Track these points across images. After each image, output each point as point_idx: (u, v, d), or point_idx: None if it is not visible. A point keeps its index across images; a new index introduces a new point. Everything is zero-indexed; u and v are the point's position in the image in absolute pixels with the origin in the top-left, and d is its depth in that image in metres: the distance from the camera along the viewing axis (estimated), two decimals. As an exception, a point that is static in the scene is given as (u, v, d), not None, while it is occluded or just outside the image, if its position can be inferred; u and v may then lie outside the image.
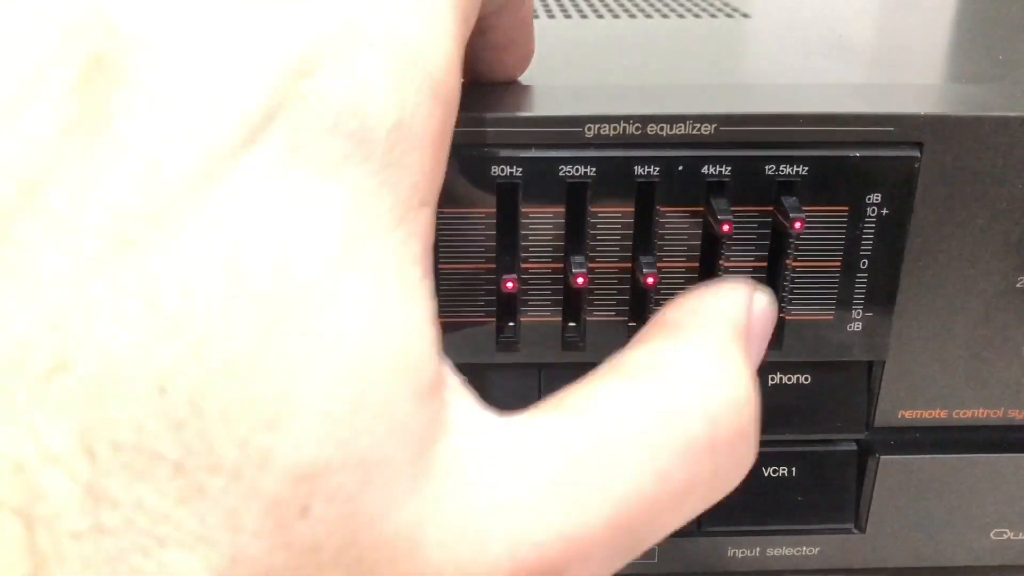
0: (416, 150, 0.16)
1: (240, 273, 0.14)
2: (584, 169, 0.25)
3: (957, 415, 0.29)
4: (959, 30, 0.43)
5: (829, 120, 0.25)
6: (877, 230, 0.26)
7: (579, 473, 0.17)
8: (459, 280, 0.26)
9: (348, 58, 0.16)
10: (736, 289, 0.23)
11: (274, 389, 0.14)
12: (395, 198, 0.16)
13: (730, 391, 0.20)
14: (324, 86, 0.16)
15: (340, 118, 0.16)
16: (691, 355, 0.20)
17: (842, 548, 0.31)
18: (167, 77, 0.15)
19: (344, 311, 0.15)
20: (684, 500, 0.19)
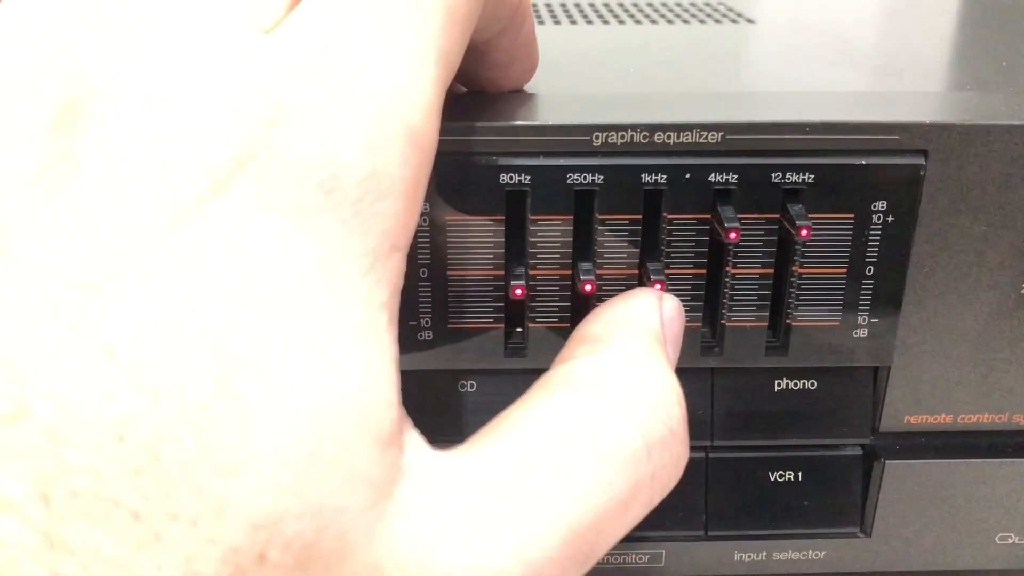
0: (389, 197, 0.16)
1: (198, 322, 0.14)
2: (592, 177, 0.26)
3: (962, 420, 0.29)
4: (962, 36, 0.43)
5: (835, 128, 0.26)
6: (883, 237, 0.27)
7: (527, 496, 0.17)
8: (468, 287, 0.27)
9: (321, 107, 0.16)
10: (645, 297, 0.24)
11: (231, 437, 0.14)
12: (365, 245, 0.16)
13: (657, 394, 0.21)
14: (295, 136, 0.16)
15: (311, 168, 0.16)
16: (615, 364, 0.21)
17: (847, 552, 0.31)
18: (138, 125, 0.16)
19: (303, 360, 0.15)
20: (629, 506, 0.19)
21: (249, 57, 0.16)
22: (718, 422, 0.29)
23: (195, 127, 0.16)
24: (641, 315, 0.23)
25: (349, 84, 0.16)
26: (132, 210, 0.15)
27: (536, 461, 0.18)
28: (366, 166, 0.16)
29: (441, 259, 0.26)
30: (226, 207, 0.15)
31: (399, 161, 0.17)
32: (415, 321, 0.27)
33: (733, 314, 0.27)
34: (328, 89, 0.16)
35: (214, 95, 0.16)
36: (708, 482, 0.30)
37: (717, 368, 0.29)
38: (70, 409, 0.13)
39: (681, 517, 0.30)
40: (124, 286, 0.14)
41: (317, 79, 0.16)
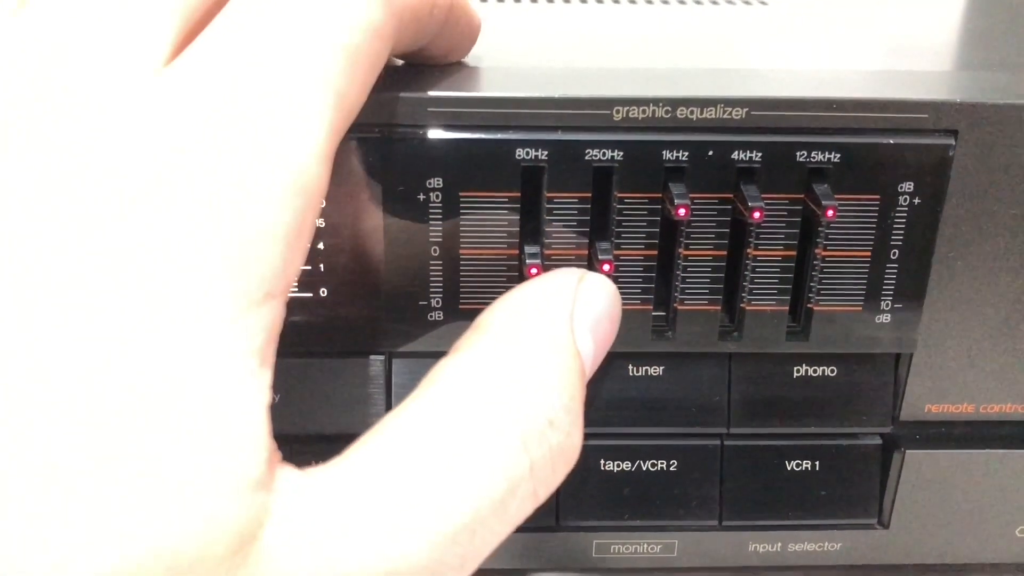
0: (266, 244, 0.16)
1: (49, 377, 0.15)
2: (611, 153, 0.25)
3: (984, 410, 0.29)
4: (981, 16, 0.42)
5: (863, 106, 0.25)
6: (909, 220, 0.26)
7: (390, 506, 0.17)
8: (482, 265, 0.26)
9: (198, 158, 0.16)
10: (557, 278, 0.23)
11: (90, 488, 0.14)
12: (236, 290, 0.16)
13: (536, 383, 0.20)
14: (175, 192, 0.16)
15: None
16: (490, 356, 0.20)
17: (865, 543, 0.30)
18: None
19: (161, 406, 0.15)
20: (506, 504, 0.18)
21: (134, 109, 0.16)
22: (735, 409, 0.28)
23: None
24: (539, 297, 0.22)
25: (232, 130, 0.16)
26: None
27: (399, 468, 0.17)
28: (233, 215, 0.16)
29: (453, 237, 0.25)
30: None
31: (280, 208, 0.16)
32: (425, 301, 0.26)
33: (753, 298, 0.26)
34: (206, 136, 0.16)
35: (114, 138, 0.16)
36: (723, 471, 0.29)
37: (735, 354, 0.28)
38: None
39: (695, 506, 0.29)
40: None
41: (198, 126, 0.16)
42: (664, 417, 0.28)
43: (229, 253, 0.16)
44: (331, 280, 0.26)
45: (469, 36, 0.26)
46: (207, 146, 0.16)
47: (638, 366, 0.28)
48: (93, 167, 0.16)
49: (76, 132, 0.16)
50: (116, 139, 0.16)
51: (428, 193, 0.25)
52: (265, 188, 0.16)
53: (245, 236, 0.16)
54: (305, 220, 0.17)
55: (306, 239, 0.17)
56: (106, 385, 0.15)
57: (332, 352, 0.27)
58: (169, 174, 0.16)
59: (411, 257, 0.26)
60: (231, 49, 0.17)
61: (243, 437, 0.16)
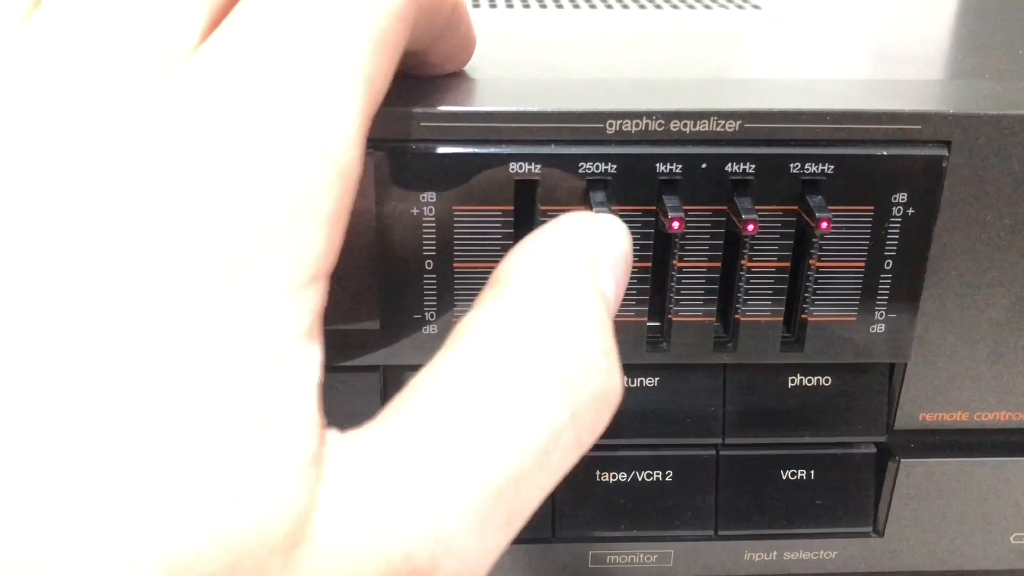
0: (312, 228, 0.16)
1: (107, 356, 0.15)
2: (605, 166, 0.25)
3: (979, 418, 0.29)
4: (973, 24, 0.42)
5: (856, 117, 0.25)
6: (902, 230, 0.26)
7: (429, 468, 0.17)
8: (476, 279, 0.26)
9: (240, 142, 0.16)
10: (569, 224, 0.22)
11: (150, 474, 0.14)
12: (284, 272, 0.16)
13: (572, 327, 0.19)
14: (208, 181, 0.16)
15: (232, 206, 0.16)
16: (520, 306, 0.19)
17: (860, 552, 0.30)
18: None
19: (221, 392, 0.15)
20: (548, 455, 0.18)
21: (166, 97, 0.17)
22: (730, 419, 0.29)
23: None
24: (557, 243, 0.21)
25: (273, 118, 0.16)
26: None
27: (438, 427, 0.17)
28: (281, 197, 0.16)
29: (447, 251, 0.25)
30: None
31: (323, 193, 0.17)
32: (419, 315, 0.26)
33: (748, 308, 0.26)
34: (248, 125, 0.16)
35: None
36: (719, 480, 0.29)
37: (730, 364, 0.28)
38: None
39: (691, 516, 0.29)
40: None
41: (237, 115, 0.16)
42: (659, 428, 0.29)
43: (278, 237, 0.16)
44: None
45: (467, 44, 0.26)
46: (245, 131, 0.16)
47: (633, 377, 0.28)
48: (130, 157, 0.16)
49: (106, 125, 0.16)
50: (152, 127, 0.16)
51: (422, 207, 0.25)
52: (308, 172, 0.16)
53: (292, 220, 0.16)
54: (344, 202, 0.17)
55: (345, 220, 0.17)
56: (165, 368, 0.15)
57: (326, 366, 0.27)
58: (207, 160, 0.16)
59: (405, 271, 0.26)
60: (261, 36, 0.17)
61: (299, 415, 0.16)
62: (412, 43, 0.23)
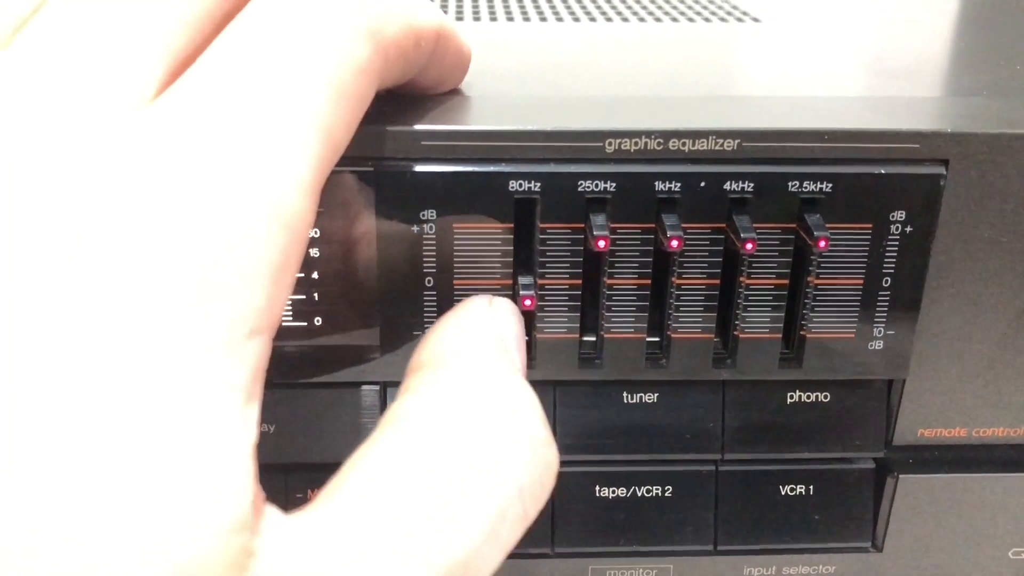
0: (251, 280, 0.16)
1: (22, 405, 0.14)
2: (604, 184, 0.25)
3: (977, 434, 0.29)
4: (971, 39, 0.42)
5: (854, 136, 0.25)
6: (900, 248, 0.26)
7: (381, 550, 0.17)
8: (473, 294, 0.26)
9: (173, 192, 0.16)
10: (473, 307, 0.23)
11: (71, 534, 0.14)
12: (219, 329, 0.16)
13: (506, 403, 0.20)
14: (138, 221, 0.16)
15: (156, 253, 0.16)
16: (452, 388, 0.20)
17: (859, 567, 0.30)
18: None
19: (150, 451, 0.15)
20: (498, 530, 0.18)
21: (115, 144, 0.16)
22: (729, 435, 0.29)
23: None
24: (474, 326, 0.22)
25: (217, 167, 0.16)
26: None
27: (384, 510, 0.17)
28: (218, 250, 0.16)
29: (447, 268, 0.25)
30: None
31: (266, 245, 0.16)
32: (420, 332, 0.26)
33: (747, 325, 0.27)
34: (191, 175, 0.16)
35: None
36: (718, 496, 0.29)
37: (729, 380, 0.28)
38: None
39: (690, 531, 0.29)
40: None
41: (182, 165, 0.16)
42: (659, 443, 0.29)
43: (211, 291, 0.16)
44: (325, 310, 0.26)
45: (459, 67, 0.26)
46: (189, 180, 0.16)
47: (633, 393, 0.28)
48: (69, 201, 0.16)
49: (55, 165, 0.16)
50: (94, 173, 0.16)
51: (422, 225, 0.25)
52: (249, 223, 0.16)
53: (228, 273, 0.16)
54: (290, 255, 0.17)
55: (292, 273, 0.17)
56: (84, 428, 0.14)
57: (326, 382, 0.27)
58: (148, 209, 0.16)
59: (405, 288, 0.26)
60: (216, 86, 0.17)
61: (227, 478, 0.15)
62: (392, 81, 0.23)
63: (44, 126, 0.17)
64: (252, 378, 0.16)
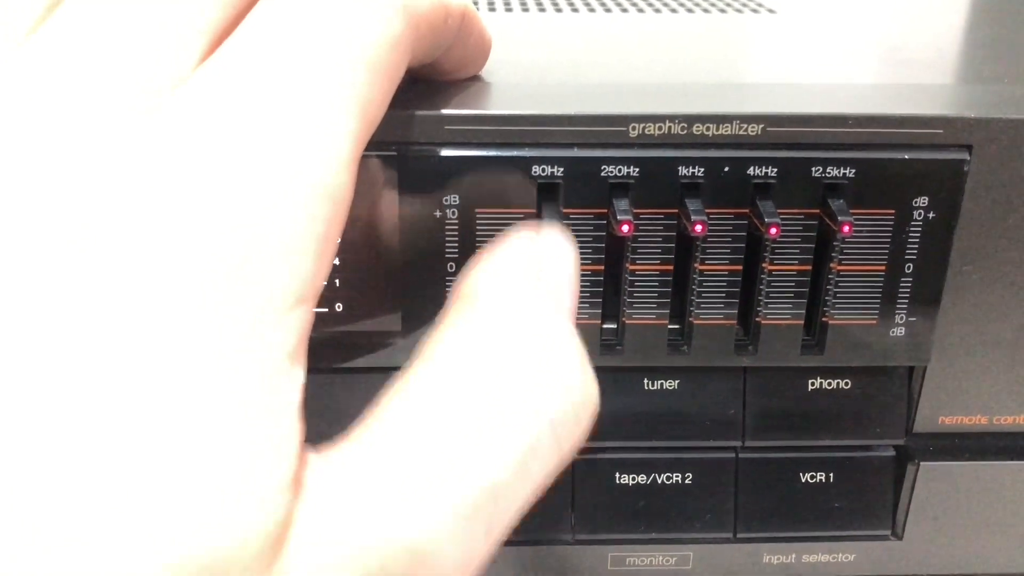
0: (298, 252, 0.16)
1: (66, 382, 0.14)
2: (627, 169, 0.25)
3: (998, 422, 0.29)
4: (989, 27, 0.42)
5: (878, 121, 0.25)
6: (923, 234, 0.26)
7: (406, 483, 0.17)
8: (498, 282, 0.26)
9: (218, 173, 0.16)
10: (517, 240, 0.22)
11: (124, 492, 0.14)
12: (265, 302, 0.16)
13: (541, 341, 0.19)
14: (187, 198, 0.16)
15: (215, 236, 0.16)
16: (485, 323, 0.19)
17: (878, 555, 0.30)
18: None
19: (200, 411, 0.15)
20: (527, 466, 0.18)
21: (159, 123, 0.17)
22: (750, 422, 0.29)
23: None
24: (510, 262, 0.21)
25: (262, 143, 0.16)
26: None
27: (415, 443, 0.17)
28: (266, 221, 0.16)
29: (470, 253, 0.25)
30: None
31: (311, 217, 0.17)
32: (442, 316, 0.26)
33: (769, 311, 0.27)
34: (238, 150, 0.16)
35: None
36: (738, 483, 0.29)
37: (750, 367, 0.28)
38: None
39: (710, 518, 0.29)
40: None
41: (228, 140, 0.16)
42: (679, 430, 0.29)
43: (265, 259, 0.16)
44: (348, 296, 0.26)
45: (482, 51, 0.27)
46: (237, 155, 0.16)
47: (654, 380, 0.28)
48: (115, 177, 0.16)
49: (103, 146, 0.16)
50: (146, 149, 0.16)
51: (445, 210, 0.25)
52: (296, 197, 0.16)
53: (279, 243, 0.16)
54: (332, 226, 0.17)
55: (334, 244, 0.18)
56: (140, 387, 0.15)
57: (349, 368, 0.27)
58: (194, 182, 0.16)
59: (428, 273, 0.26)
60: (257, 59, 0.17)
61: (279, 438, 0.16)
62: (421, 58, 0.23)
63: (76, 114, 0.17)
64: (298, 342, 0.17)
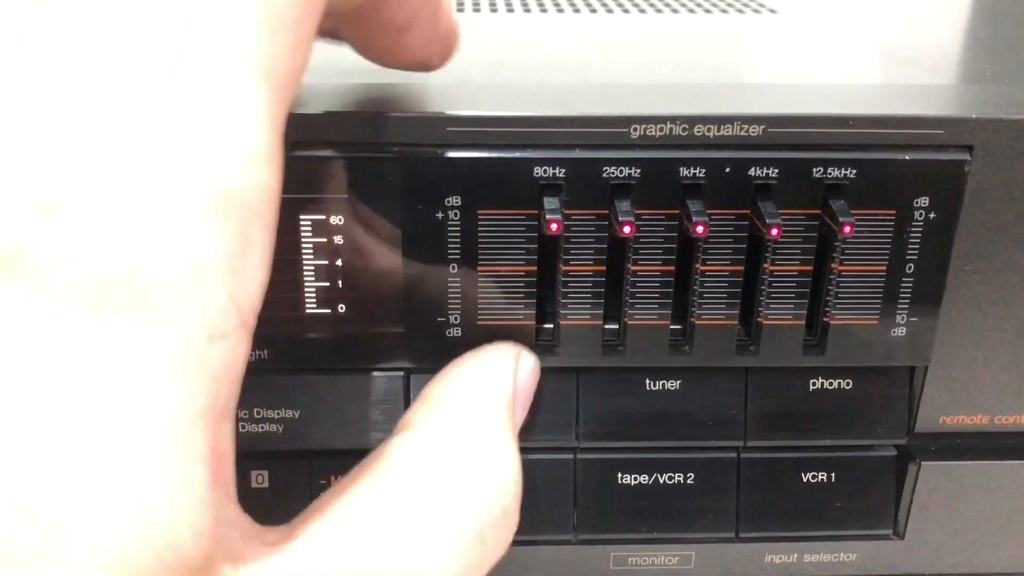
0: (200, 282, 0.14)
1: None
2: (628, 170, 0.25)
3: (999, 421, 0.29)
4: (992, 28, 0.42)
5: (878, 122, 0.25)
6: (924, 234, 0.26)
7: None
8: (500, 282, 0.26)
9: (102, 193, 0.14)
10: (500, 355, 0.24)
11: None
12: (172, 340, 0.13)
13: (495, 473, 0.21)
14: (67, 230, 0.13)
15: (90, 263, 0.13)
16: (450, 440, 0.21)
17: (880, 554, 0.30)
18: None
19: (93, 491, 0.13)
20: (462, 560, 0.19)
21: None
22: (751, 422, 0.29)
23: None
24: (492, 378, 0.23)
25: (142, 152, 0.13)
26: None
27: (361, 555, 0.18)
28: (155, 259, 0.13)
29: (472, 255, 0.26)
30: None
31: (211, 235, 0.14)
32: (444, 318, 0.26)
33: (770, 312, 0.27)
34: (113, 163, 0.13)
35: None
36: (740, 483, 0.29)
37: (751, 367, 0.28)
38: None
39: (712, 518, 0.29)
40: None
41: (99, 156, 0.13)
42: (681, 430, 0.29)
43: (152, 304, 0.13)
44: (350, 297, 0.26)
45: (449, 36, 0.23)
46: (105, 185, 0.13)
47: (655, 380, 0.28)
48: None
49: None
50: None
51: (447, 211, 0.25)
52: (189, 214, 0.13)
53: (169, 281, 0.13)
54: (250, 235, 0.14)
55: (261, 255, 0.15)
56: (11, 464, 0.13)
57: (350, 368, 0.27)
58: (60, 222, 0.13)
59: (430, 274, 0.26)
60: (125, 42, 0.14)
61: (176, 522, 0.14)
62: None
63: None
64: (213, 391, 0.14)
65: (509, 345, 0.25)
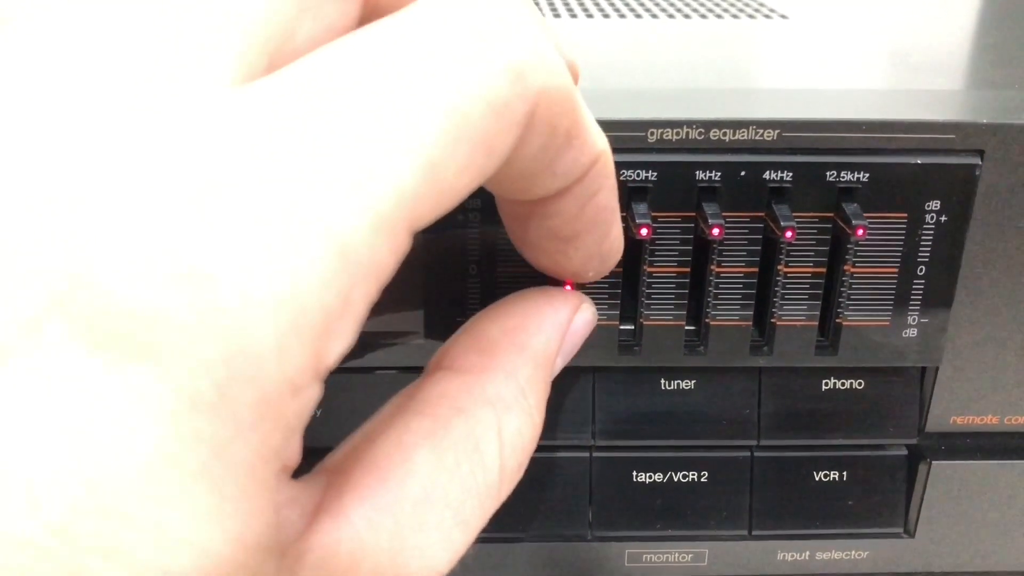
0: (296, 334, 0.13)
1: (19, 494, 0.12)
2: (646, 173, 0.25)
3: (1009, 421, 0.29)
4: (1001, 33, 0.43)
5: (891, 127, 0.25)
6: (935, 237, 0.26)
7: (396, 542, 0.18)
8: (519, 283, 0.26)
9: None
10: (559, 304, 0.23)
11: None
12: (251, 397, 0.13)
13: (525, 431, 0.21)
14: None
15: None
16: (495, 388, 0.21)
17: (891, 552, 0.31)
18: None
19: (160, 538, 0.13)
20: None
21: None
22: (764, 421, 0.29)
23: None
24: (543, 332, 0.22)
25: (288, 175, 0.14)
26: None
27: (402, 507, 0.18)
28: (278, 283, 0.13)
29: (491, 255, 0.26)
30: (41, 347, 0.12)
31: (317, 287, 0.13)
32: (463, 319, 0.27)
33: (784, 313, 0.27)
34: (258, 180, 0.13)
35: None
36: (753, 481, 0.30)
37: (765, 367, 0.29)
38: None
39: (725, 516, 0.30)
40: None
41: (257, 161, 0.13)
42: (696, 430, 0.29)
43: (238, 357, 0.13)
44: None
45: (609, 230, 0.21)
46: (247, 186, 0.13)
47: (671, 380, 0.29)
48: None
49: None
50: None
51: (467, 212, 0.26)
52: (305, 257, 0.13)
53: (258, 339, 0.13)
54: (350, 296, 0.14)
55: (355, 316, 0.14)
56: (73, 508, 0.12)
57: (371, 367, 0.28)
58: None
59: (450, 274, 0.26)
60: (310, 88, 0.14)
61: (247, 561, 0.14)
62: (519, 179, 0.18)
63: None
64: (287, 436, 0.14)
65: (570, 295, 0.23)
